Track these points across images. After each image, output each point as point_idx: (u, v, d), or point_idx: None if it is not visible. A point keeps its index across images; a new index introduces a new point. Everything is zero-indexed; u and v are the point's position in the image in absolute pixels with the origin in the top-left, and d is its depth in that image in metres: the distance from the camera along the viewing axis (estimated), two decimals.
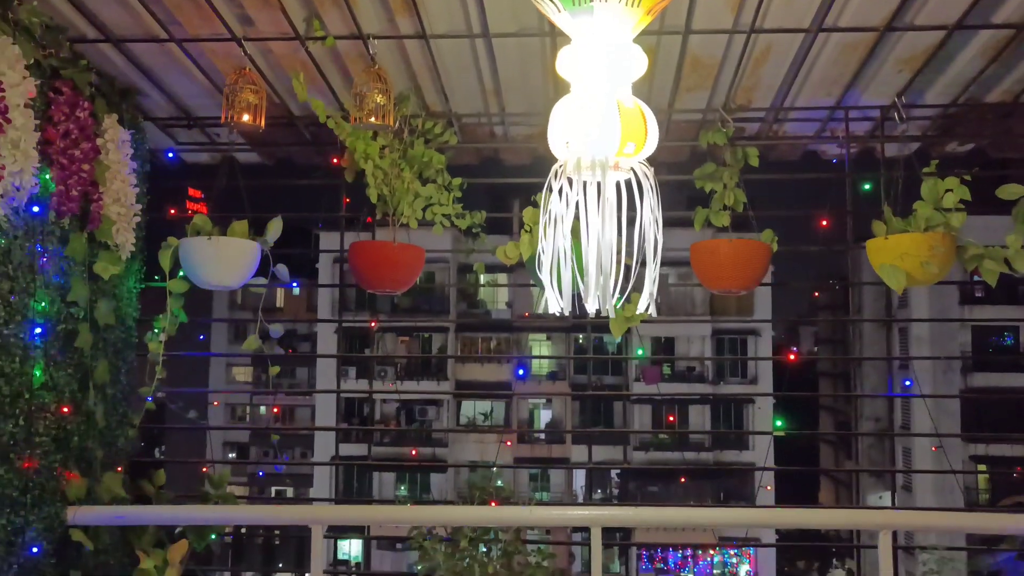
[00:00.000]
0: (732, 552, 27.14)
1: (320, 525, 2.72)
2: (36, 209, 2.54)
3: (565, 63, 2.03)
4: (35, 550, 2.53)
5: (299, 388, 29.15)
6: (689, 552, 27.88)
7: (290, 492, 28.55)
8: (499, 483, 3.27)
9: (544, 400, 29.19)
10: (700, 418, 28.60)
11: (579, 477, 27.87)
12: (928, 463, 18.41)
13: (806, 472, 27.64)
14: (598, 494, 28.66)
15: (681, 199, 5.40)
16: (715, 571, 27.47)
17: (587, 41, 2.00)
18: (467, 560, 2.86)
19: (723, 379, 29.31)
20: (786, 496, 23.74)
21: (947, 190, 3.01)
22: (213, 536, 3.16)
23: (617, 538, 25.49)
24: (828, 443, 32.20)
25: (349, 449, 22.25)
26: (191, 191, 4.22)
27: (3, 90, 2.28)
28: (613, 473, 28.26)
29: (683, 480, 25.94)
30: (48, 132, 2.59)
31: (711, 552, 26.89)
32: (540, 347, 29.12)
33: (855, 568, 3.03)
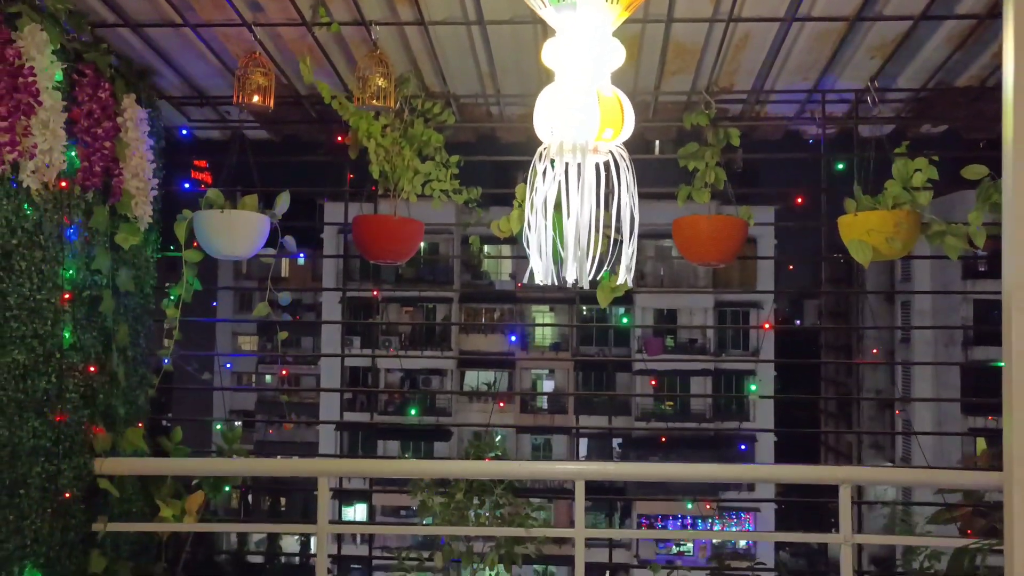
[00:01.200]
0: (731, 520, 27.55)
1: (327, 477, 2.96)
2: (63, 184, 2.74)
3: (549, 54, 2.21)
4: (67, 495, 2.77)
5: (304, 357, 29.49)
6: (688, 521, 28.30)
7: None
8: (497, 439, 3.51)
9: (547, 371, 29.55)
10: (702, 389, 28.87)
11: (582, 447, 28.22)
12: (928, 437, 18.69)
13: (807, 445, 27.93)
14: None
15: (680, 174, 5.59)
16: (714, 541, 27.85)
17: (570, 34, 2.20)
18: (461, 511, 3.10)
19: (725, 351, 29.54)
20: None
21: (916, 170, 3.20)
22: (227, 488, 3.41)
23: (618, 507, 25.90)
24: (830, 415, 32.49)
25: (354, 417, 22.60)
26: (196, 161, 4.42)
27: (34, 74, 2.48)
28: (615, 443, 28.61)
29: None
30: (73, 112, 2.79)
31: (710, 521, 27.28)
32: (543, 318, 29.38)
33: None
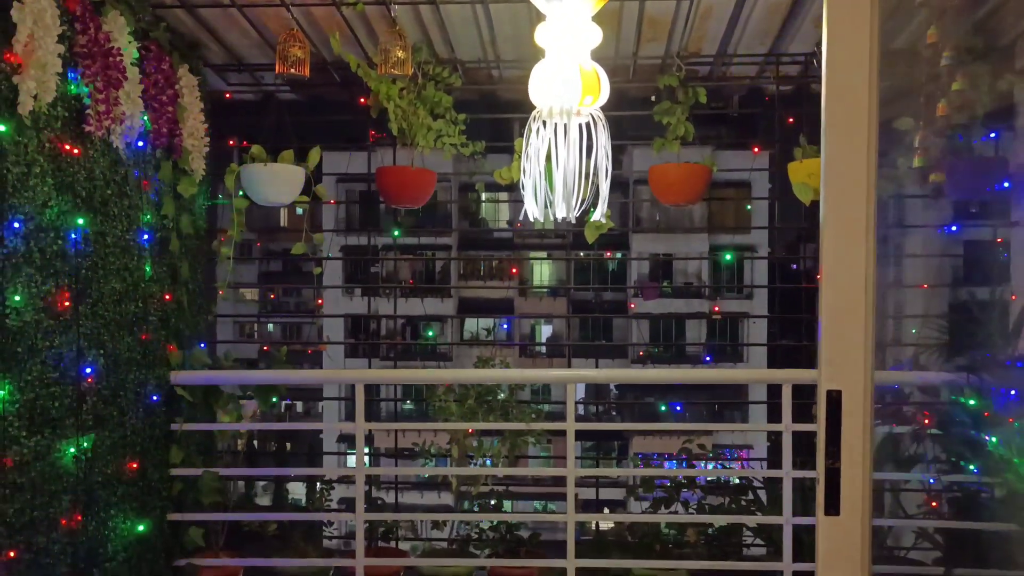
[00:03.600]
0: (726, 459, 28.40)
1: (362, 383, 3.60)
2: (140, 144, 3.31)
3: (541, 35, 2.79)
4: (153, 399, 3.41)
5: (306, 308, 30.11)
6: (684, 459, 29.25)
7: (299, 407, 29.79)
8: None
9: (545, 316, 30.19)
10: (696, 333, 29.56)
11: (580, 390, 29.03)
12: None
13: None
14: (602, 408, 29.90)
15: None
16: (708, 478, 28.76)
17: (557, 19, 2.76)
18: (473, 413, 3.74)
19: (719, 295, 30.11)
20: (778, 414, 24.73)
21: None
22: (275, 399, 4.04)
23: (615, 446, 26.81)
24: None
25: (356, 364, 23.30)
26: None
27: (120, 54, 3.03)
28: (612, 386, 29.45)
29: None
30: (144, 83, 3.34)
31: (704, 461, 28.22)
32: (541, 265, 29.97)
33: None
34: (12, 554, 2.50)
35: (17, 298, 2.52)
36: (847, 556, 1.57)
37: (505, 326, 28.09)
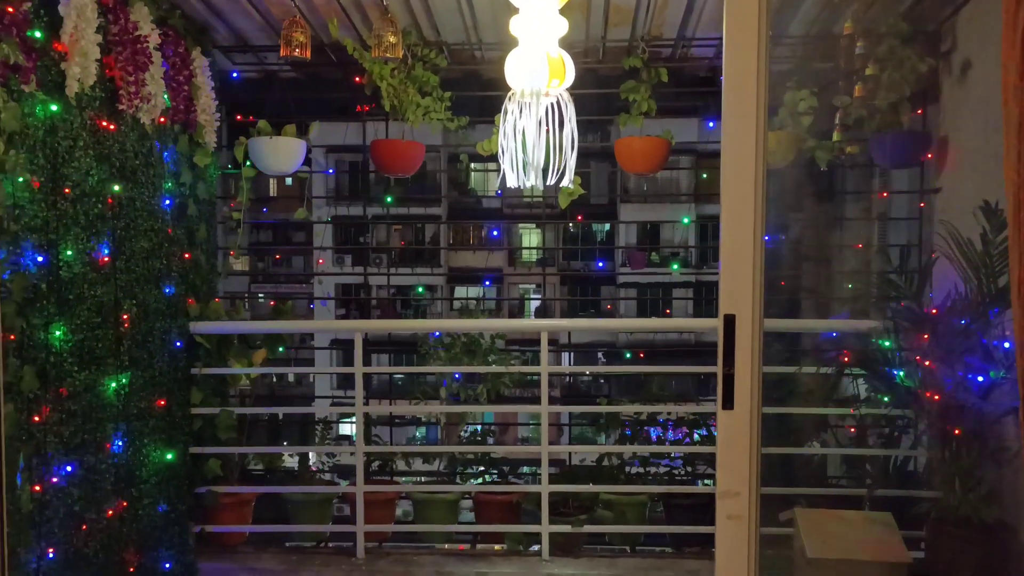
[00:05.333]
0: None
1: (361, 332, 4.07)
2: (162, 120, 3.73)
3: (514, 26, 3.23)
4: (177, 344, 3.87)
5: (297, 277, 30.50)
6: (671, 426, 29.91)
7: (291, 377, 30.30)
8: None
9: (534, 286, 30.66)
10: (683, 301, 30.10)
11: (566, 358, 29.59)
12: None
13: None
14: (587, 375, 30.52)
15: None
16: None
17: (528, 12, 3.20)
18: (460, 356, 4.23)
19: (706, 263, 30.56)
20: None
21: (800, 99, 4.25)
22: (281, 349, 4.52)
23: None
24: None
25: (346, 333, 23.72)
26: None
27: (147, 41, 3.45)
28: (600, 354, 30.02)
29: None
30: (164, 65, 3.75)
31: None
32: (529, 234, 30.37)
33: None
34: (69, 468, 2.97)
35: (69, 253, 2.97)
36: (740, 440, 2.04)
37: (493, 296, 28.50)
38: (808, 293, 5.01)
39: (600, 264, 26.46)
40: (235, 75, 4.76)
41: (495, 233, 25.61)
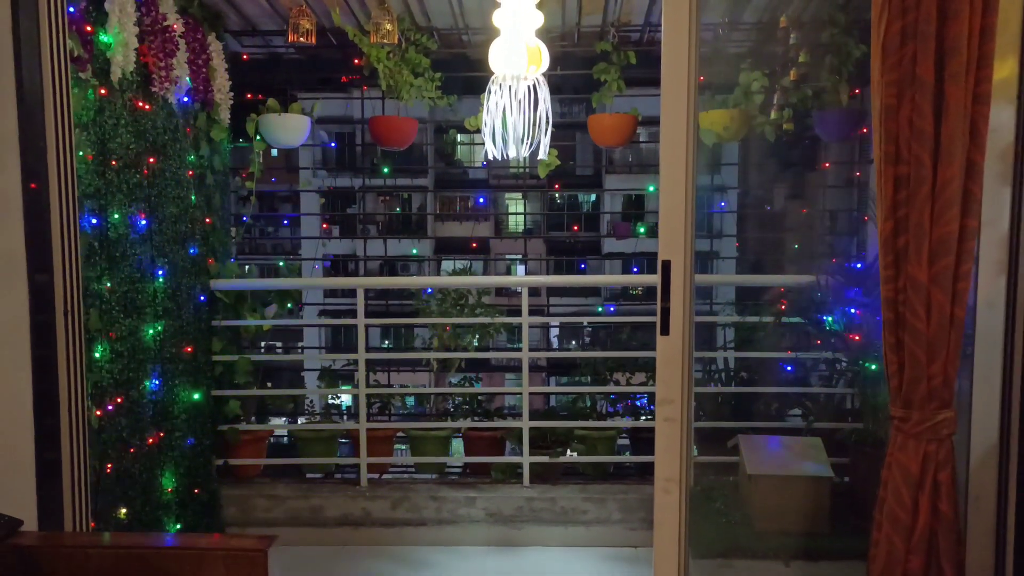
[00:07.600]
0: None
1: (362, 288, 4.59)
2: (185, 99, 4.21)
3: (497, 18, 3.73)
4: (201, 299, 4.39)
5: (282, 249, 30.91)
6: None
7: (279, 346, 30.88)
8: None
9: (519, 257, 31.16)
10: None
11: (554, 331, 30.20)
12: None
13: None
14: (572, 344, 31.17)
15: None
16: None
17: (509, 5, 3.69)
18: (448, 308, 4.76)
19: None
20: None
21: (753, 80, 4.76)
22: (289, 305, 5.03)
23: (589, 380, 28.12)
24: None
25: (337, 303, 24.23)
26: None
27: (174, 30, 3.92)
28: (585, 321, 30.62)
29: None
30: (187, 50, 4.22)
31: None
32: (516, 204, 30.81)
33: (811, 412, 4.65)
34: (119, 400, 3.50)
35: (116, 216, 3.47)
36: (674, 359, 2.58)
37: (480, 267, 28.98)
38: (767, 251, 5.58)
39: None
40: (245, 57, 5.22)
41: (481, 200, 26.05)
